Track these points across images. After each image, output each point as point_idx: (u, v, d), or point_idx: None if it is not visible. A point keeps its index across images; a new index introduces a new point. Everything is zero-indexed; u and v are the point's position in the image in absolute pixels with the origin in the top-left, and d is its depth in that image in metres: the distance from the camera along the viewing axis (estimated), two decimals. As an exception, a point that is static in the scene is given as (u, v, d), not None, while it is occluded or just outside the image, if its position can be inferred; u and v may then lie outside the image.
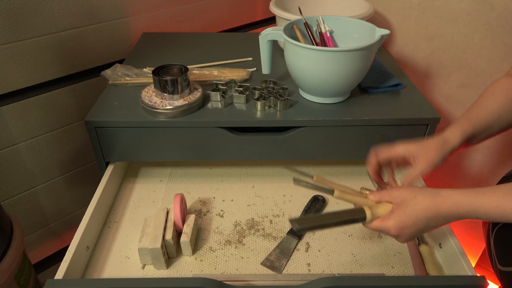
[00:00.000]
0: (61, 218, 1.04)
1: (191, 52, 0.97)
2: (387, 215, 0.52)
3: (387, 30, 0.72)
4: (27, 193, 0.94)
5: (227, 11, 1.21)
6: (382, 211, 0.53)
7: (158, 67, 0.73)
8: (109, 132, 0.72)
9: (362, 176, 0.85)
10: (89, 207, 0.67)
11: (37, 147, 0.91)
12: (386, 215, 0.52)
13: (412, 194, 0.50)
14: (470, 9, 0.96)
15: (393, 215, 0.51)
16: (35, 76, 0.86)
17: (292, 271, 0.64)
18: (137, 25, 1.02)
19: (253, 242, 0.69)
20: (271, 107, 0.75)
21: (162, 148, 0.75)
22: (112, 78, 0.82)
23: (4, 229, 0.72)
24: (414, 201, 0.50)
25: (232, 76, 0.84)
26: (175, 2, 1.07)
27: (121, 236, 0.70)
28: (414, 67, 1.13)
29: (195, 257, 0.66)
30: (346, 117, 0.73)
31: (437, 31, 1.04)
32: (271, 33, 0.75)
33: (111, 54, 0.98)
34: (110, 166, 0.77)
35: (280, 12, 0.92)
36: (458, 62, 1.04)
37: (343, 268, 0.64)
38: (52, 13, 0.83)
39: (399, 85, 0.82)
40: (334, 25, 0.81)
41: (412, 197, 0.50)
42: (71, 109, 0.94)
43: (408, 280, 0.55)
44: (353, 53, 0.67)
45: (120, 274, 0.63)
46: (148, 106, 0.71)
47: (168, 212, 0.67)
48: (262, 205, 0.76)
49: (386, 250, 0.67)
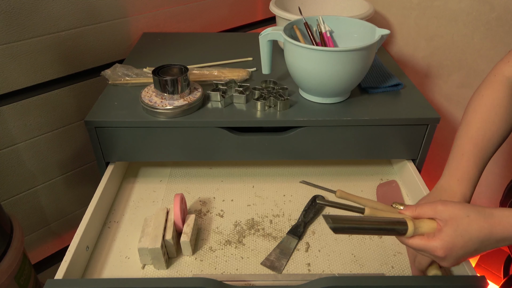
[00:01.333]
0: (61, 218, 1.04)
1: (191, 52, 0.97)
2: (433, 233, 0.46)
3: (387, 30, 0.72)
4: (27, 193, 0.94)
5: (227, 11, 1.21)
6: (426, 228, 0.46)
7: (158, 67, 0.73)
8: (109, 132, 0.72)
9: (362, 176, 0.85)
10: (89, 207, 0.67)
11: (37, 147, 0.91)
12: (432, 233, 0.46)
13: (464, 212, 0.44)
14: (470, 9, 0.96)
15: (441, 234, 0.45)
16: (35, 76, 0.86)
17: (292, 271, 0.64)
18: (137, 25, 1.02)
19: (253, 242, 0.69)
20: (271, 107, 0.75)
21: (162, 148, 0.75)
22: (112, 78, 0.82)
23: (4, 229, 0.72)
24: (466, 220, 0.44)
25: (232, 76, 0.84)
26: (175, 2, 1.07)
27: (121, 236, 0.70)
28: (414, 67, 1.13)
29: (195, 257, 0.66)
30: (346, 117, 0.73)
31: (437, 31, 1.04)
32: (271, 33, 0.75)
33: (111, 54, 0.98)
34: (110, 166, 0.77)
35: (280, 12, 0.92)
36: (458, 62, 1.04)
37: (343, 268, 0.64)
38: (52, 13, 0.83)
39: (399, 85, 0.82)
40: (334, 25, 0.81)
41: (464, 216, 0.44)
42: (71, 109, 0.94)
43: (408, 280, 0.55)
44: (353, 53, 0.67)
45: (120, 274, 0.63)
46: (148, 106, 0.71)
47: (168, 212, 0.67)
48: (262, 205, 0.76)
49: (386, 250, 0.67)
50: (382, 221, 0.47)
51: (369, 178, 0.84)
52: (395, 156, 0.80)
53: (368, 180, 0.84)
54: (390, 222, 0.47)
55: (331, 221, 0.45)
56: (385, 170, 0.87)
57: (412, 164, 0.80)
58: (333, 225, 0.45)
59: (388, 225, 0.47)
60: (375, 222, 0.47)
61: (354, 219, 0.47)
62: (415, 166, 0.79)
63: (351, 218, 0.46)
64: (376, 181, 0.83)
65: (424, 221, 0.47)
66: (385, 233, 0.48)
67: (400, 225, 0.46)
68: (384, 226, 0.47)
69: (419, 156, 0.78)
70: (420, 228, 0.46)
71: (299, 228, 0.70)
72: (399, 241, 0.49)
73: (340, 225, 0.45)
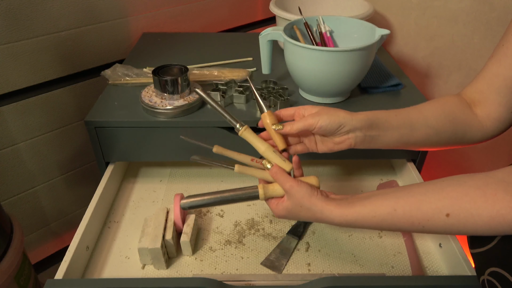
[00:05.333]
0: (61, 218, 1.04)
1: (191, 52, 0.97)
2: (281, 199, 0.55)
3: (387, 30, 0.72)
4: (27, 193, 0.94)
5: (227, 11, 1.21)
6: (276, 194, 0.56)
7: (158, 67, 0.73)
8: (109, 132, 0.72)
9: (362, 176, 0.85)
10: (89, 207, 0.67)
11: (37, 147, 0.91)
12: (280, 198, 0.56)
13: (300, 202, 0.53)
14: (470, 9, 0.96)
15: (282, 204, 0.55)
16: (35, 76, 0.86)
17: (292, 271, 0.64)
18: (137, 25, 1.02)
19: (253, 242, 0.69)
20: (271, 107, 0.75)
21: (162, 148, 0.75)
22: (112, 78, 0.82)
23: (4, 229, 0.72)
24: (298, 208, 0.53)
25: (232, 76, 0.84)
26: (175, 2, 1.07)
27: (121, 236, 0.70)
28: (414, 67, 1.13)
29: (195, 257, 0.66)
30: (346, 117, 0.73)
31: (437, 31, 1.04)
32: (271, 33, 0.75)
33: (111, 54, 0.98)
34: (110, 166, 0.77)
35: (280, 12, 0.92)
36: (458, 62, 1.04)
37: (343, 268, 0.64)
38: (52, 13, 0.83)
39: (399, 85, 0.82)
40: (334, 25, 0.81)
41: (298, 205, 0.53)
42: (71, 109, 0.94)
43: (408, 280, 0.55)
44: (353, 53, 0.67)
45: (120, 274, 0.63)
46: (148, 106, 0.71)
47: (168, 212, 0.67)
48: (262, 205, 0.76)
49: (386, 250, 0.67)
50: (234, 192, 0.56)
51: (369, 178, 0.84)
52: (395, 156, 0.80)
53: (368, 180, 0.84)
54: (243, 193, 0.56)
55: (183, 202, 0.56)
56: (385, 170, 0.87)
57: (412, 164, 0.80)
58: (184, 204, 0.56)
59: (243, 195, 0.56)
60: (230, 194, 0.56)
61: (206, 195, 0.56)
62: (415, 166, 0.79)
63: (204, 195, 0.56)
64: (376, 181, 0.83)
65: (275, 189, 0.56)
66: (240, 201, 0.57)
67: (252, 193, 0.56)
68: (236, 196, 0.56)
69: (419, 156, 0.78)
70: (270, 193, 0.56)
71: (299, 228, 0.70)
72: (399, 242, 0.53)
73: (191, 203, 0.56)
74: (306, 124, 0.56)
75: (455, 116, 0.58)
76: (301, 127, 0.56)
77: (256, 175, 0.58)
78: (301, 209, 0.53)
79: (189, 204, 0.56)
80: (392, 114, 0.58)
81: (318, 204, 0.52)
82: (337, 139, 0.57)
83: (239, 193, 0.56)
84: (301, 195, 0.52)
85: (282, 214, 0.55)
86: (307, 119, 0.56)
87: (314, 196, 0.52)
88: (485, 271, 0.47)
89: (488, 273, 0.47)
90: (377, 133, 0.57)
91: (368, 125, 0.56)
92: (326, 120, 0.55)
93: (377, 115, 0.57)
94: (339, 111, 0.56)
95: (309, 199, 0.52)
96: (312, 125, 0.55)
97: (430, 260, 0.66)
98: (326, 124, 0.55)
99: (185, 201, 0.56)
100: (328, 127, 0.55)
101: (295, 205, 0.53)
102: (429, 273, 0.64)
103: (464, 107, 0.59)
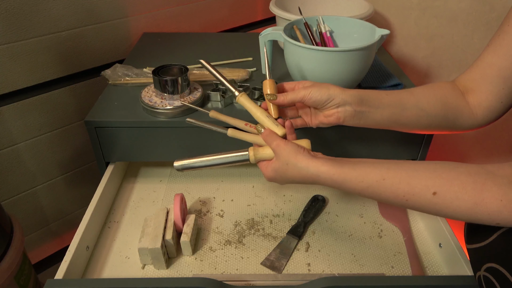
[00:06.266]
0: (61, 218, 1.04)
1: (191, 52, 0.97)
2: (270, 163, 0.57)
3: (387, 30, 0.72)
4: (27, 193, 0.94)
5: (227, 11, 1.21)
6: (266, 156, 0.57)
7: (158, 67, 0.73)
8: (109, 132, 0.72)
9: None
10: (89, 207, 0.67)
11: (37, 147, 0.91)
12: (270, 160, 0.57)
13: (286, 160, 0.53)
14: (470, 9, 0.96)
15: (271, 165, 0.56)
16: (35, 76, 0.86)
17: (292, 271, 0.64)
18: (137, 25, 1.02)
19: (253, 242, 0.69)
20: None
21: (162, 148, 0.75)
22: (112, 78, 0.82)
23: (4, 229, 0.72)
24: (285, 167, 0.54)
25: (232, 76, 0.84)
26: (175, 2, 1.07)
27: (121, 236, 0.70)
28: (414, 67, 1.13)
29: (195, 257, 0.66)
30: (346, 117, 0.73)
31: (437, 31, 1.04)
32: (271, 33, 0.75)
33: (111, 54, 0.98)
34: (110, 166, 0.77)
35: (280, 12, 0.92)
36: (458, 62, 1.04)
37: (343, 268, 0.64)
38: (52, 13, 0.83)
39: (399, 85, 0.82)
40: (334, 25, 0.81)
41: (284, 163, 0.54)
42: (71, 109, 0.94)
43: (408, 280, 0.55)
44: (353, 53, 0.67)
45: (120, 274, 0.63)
46: (148, 106, 0.71)
47: (168, 212, 0.67)
48: (262, 205, 0.76)
49: (386, 250, 0.67)
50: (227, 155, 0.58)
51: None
52: (395, 156, 0.80)
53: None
54: (235, 155, 0.58)
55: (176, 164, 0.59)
56: (385, 170, 0.87)
57: (412, 164, 0.80)
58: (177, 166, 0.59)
59: (234, 157, 0.58)
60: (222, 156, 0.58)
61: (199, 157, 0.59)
62: (415, 166, 0.79)
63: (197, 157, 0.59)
64: (376, 181, 0.83)
65: (265, 152, 0.57)
66: (231, 164, 0.59)
67: (243, 156, 0.58)
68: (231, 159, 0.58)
69: (419, 156, 0.78)
70: (260, 155, 0.57)
71: (299, 228, 0.70)
72: (399, 242, 0.52)
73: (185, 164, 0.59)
74: (298, 95, 0.57)
75: (447, 101, 0.59)
76: (294, 98, 0.58)
77: (248, 139, 0.60)
78: (287, 167, 0.53)
79: (181, 165, 0.59)
80: (383, 93, 0.59)
81: (303, 160, 0.52)
82: (327, 112, 0.58)
83: (231, 155, 0.58)
84: (287, 153, 0.53)
85: (271, 176, 0.56)
86: (300, 91, 0.58)
87: (300, 153, 0.53)
88: (481, 266, 0.48)
89: (484, 269, 0.47)
90: (367, 109, 0.57)
91: (358, 100, 0.57)
92: (316, 92, 0.56)
93: (368, 92, 0.58)
94: (331, 85, 0.58)
95: (295, 156, 0.53)
96: (304, 96, 0.57)
97: (430, 260, 0.66)
98: (316, 96, 0.56)
99: (178, 163, 0.59)
100: (318, 98, 0.57)
101: (282, 164, 0.54)
102: (429, 273, 0.64)
103: (457, 94, 0.60)
